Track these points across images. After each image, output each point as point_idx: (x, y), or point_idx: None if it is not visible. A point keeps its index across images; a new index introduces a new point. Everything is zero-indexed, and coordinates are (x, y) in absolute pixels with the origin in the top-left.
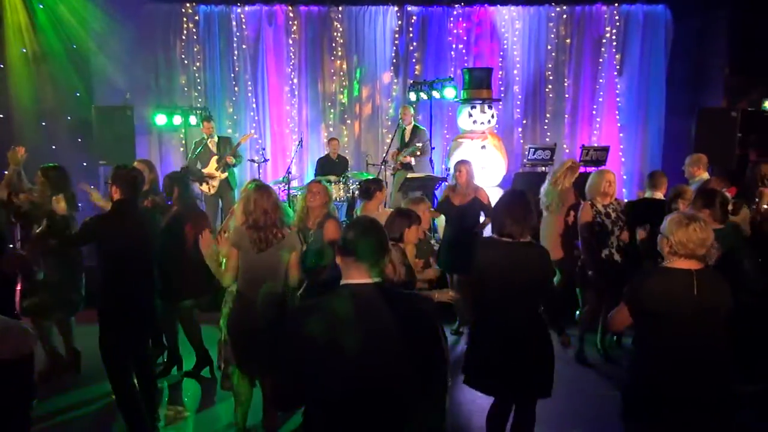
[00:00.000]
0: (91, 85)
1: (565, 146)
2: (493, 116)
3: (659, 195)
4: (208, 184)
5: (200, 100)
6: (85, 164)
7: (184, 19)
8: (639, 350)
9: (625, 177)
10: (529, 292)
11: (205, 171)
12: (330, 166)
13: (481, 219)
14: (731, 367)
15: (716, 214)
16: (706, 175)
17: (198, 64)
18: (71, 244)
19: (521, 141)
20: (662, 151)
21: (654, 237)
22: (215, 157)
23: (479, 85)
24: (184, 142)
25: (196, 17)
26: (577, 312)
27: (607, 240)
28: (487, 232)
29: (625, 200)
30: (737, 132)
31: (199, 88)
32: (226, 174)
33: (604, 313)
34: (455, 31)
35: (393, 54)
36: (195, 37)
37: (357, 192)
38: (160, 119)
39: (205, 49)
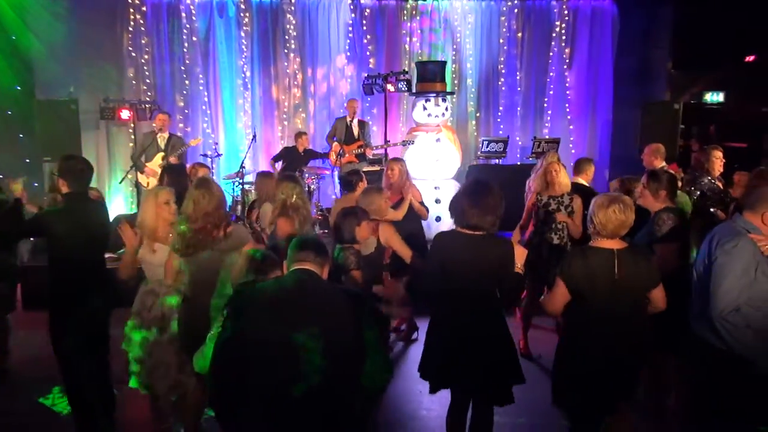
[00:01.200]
0: (32, 78)
1: (518, 138)
2: (447, 109)
3: (582, 180)
4: (147, 178)
5: (150, 93)
6: (28, 161)
7: (131, 9)
8: (567, 325)
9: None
10: (490, 285)
11: (148, 165)
12: (292, 157)
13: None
14: (650, 341)
15: (668, 193)
16: (664, 165)
17: (146, 56)
18: (18, 234)
19: (475, 133)
20: (610, 142)
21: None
22: (161, 154)
23: (433, 78)
24: (133, 137)
25: (144, 8)
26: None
27: (551, 224)
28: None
29: None
30: (679, 124)
31: (148, 81)
32: None
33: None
34: (409, 24)
35: (347, 47)
36: (143, 28)
37: (313, 186)
38: (124, 114)
39: (153, 41)
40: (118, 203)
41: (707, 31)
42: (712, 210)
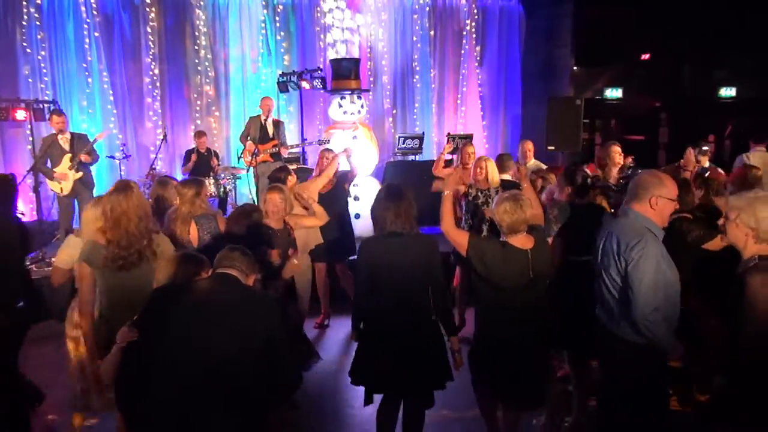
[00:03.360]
0: None
1: (433, 135)
2: (362, 106)
3: (508, 176)
4: (60, 183)
5: (48, 92)
6: None
7: (24, 3)
8: (481, 312)
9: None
10: (418, 285)
11: (57, 170)
12: (198, 160)
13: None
14: (552, 327)
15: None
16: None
17: (43, 53)
18: None
19: (392, 130)
20: (520, 136)
21: None
22: (68, 155)
23: (348, 75)
24: (31, 139)
25: (38, 1)
26: None
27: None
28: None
29: None
30: (582, 118)
31: (46, 79)
32: (81, 173)
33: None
34: (323, 21)
35: (260, 44)
36: (38, 23)
37: (229, 187)
38: (20, 114)
39: (50, 36)
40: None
41: (606, 32)
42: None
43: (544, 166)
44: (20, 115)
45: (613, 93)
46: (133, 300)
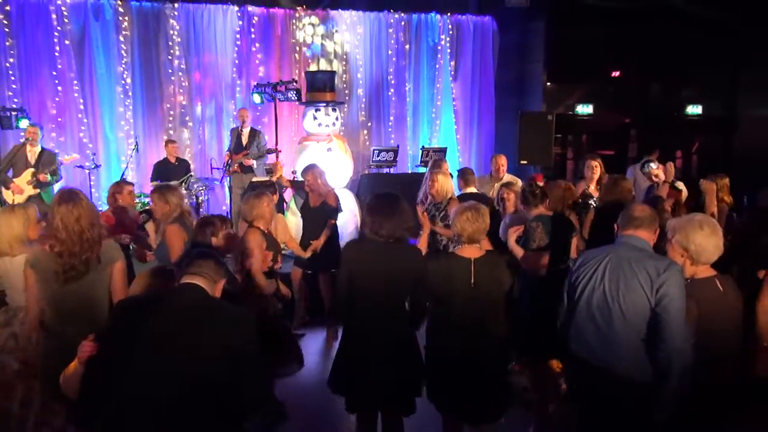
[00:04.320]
0: None
1: (408, 148)
2: (337, 119)
3: (472, 189)
4: (13, 195)
5: (16, 100)
6: None
7: None
8: (432, 320)
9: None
10: (398, 293)
11: (15, 181)
12: (168, 171)
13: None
14: (506, 340)
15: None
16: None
17: (12, 60)
18: None
19: (367, 143)
20: (494, 150)
21: None
22: (30, 170)
23: (323, 87)
24: None
25: (7, 7)
26: None
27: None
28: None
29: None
30: (553, 133)
31: (14, 87)
32: (38, 191)
33: None
34: (298, 33)
35: (235, 55)
36: (7, 30)
37: (201, 197)
38: (23, 123)
39: (19, 43)
40: None
41: (578, 48)
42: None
43: (520, 181)
44: None
45: (584, 109)
46: (78, 310)
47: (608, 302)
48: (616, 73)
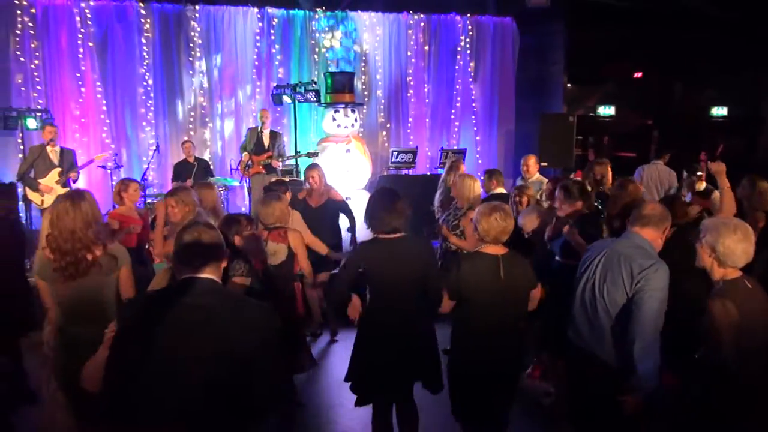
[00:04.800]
0: None
1: (427, 149)
2: (356, 120)
3: (501, 189)
4: (42, 195)
5: (41, 101)
6: None
7: (18, 11)
8: (456, 325)
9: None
10: (413, 286)
11: (42, 182)
12: (187, 171)
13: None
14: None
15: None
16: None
17: (37, 62)
18: None
19: (386, 144)
20: (514, 152)
21: None
22: (57, 170)
23: (342, 89)
24: (22, 147)
25: (33, 10)
26: None
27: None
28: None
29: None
30: (574, 135)
31: (39, 88)
32: (66, 189)
33: None
34: (318, 35)
35: (255, 56)
36: (32, 32)
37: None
38: (31, 123)
39: (44, 45)
40: None
41: (598, 49)
42: None
43: (546, 180)
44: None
45: (606, 110)
46: (85, 309)
47: (595, 294)
48: (638, 74)
